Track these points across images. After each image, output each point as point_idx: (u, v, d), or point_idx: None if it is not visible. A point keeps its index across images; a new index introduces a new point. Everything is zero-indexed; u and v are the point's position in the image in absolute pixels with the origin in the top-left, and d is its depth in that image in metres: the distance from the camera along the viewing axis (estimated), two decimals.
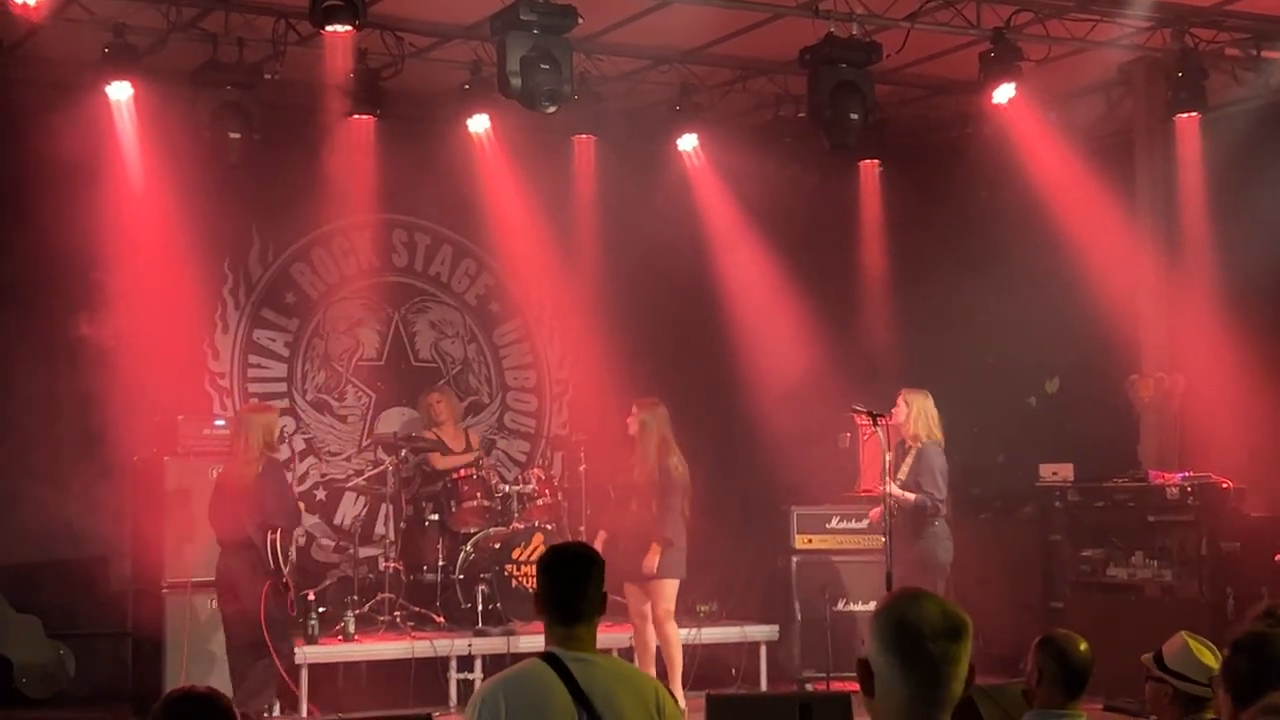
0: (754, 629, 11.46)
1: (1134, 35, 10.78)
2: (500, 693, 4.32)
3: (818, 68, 10.05)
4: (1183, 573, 10.27)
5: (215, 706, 3.94)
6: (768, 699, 9.51)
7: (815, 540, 11.48)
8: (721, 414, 13.06)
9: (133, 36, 10.04)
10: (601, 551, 5.04)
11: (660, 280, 12.83)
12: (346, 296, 12.63)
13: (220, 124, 10.22)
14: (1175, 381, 11.15)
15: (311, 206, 12.02)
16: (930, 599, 2.90)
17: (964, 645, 2.86)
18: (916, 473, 9.95)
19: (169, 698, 3.98)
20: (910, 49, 10.54)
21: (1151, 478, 10.61)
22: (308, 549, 12.14)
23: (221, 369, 12.15)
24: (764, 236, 12.73)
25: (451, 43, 10.82)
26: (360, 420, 12.59)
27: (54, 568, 11.13)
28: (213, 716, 3.93)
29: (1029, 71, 10.62)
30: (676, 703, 4.56)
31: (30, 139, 10.77)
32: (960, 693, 2.86)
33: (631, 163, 12.22)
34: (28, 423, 11.32)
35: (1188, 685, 4.98)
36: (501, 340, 13.26)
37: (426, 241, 12.95)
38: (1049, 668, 4.98)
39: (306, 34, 10.15)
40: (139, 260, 11.07)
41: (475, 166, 11.91)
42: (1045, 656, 5.01)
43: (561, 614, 4.44)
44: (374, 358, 12.71)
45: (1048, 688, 4.96)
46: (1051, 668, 4.97)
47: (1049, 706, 4.96)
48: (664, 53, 11.29)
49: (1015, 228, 12.09)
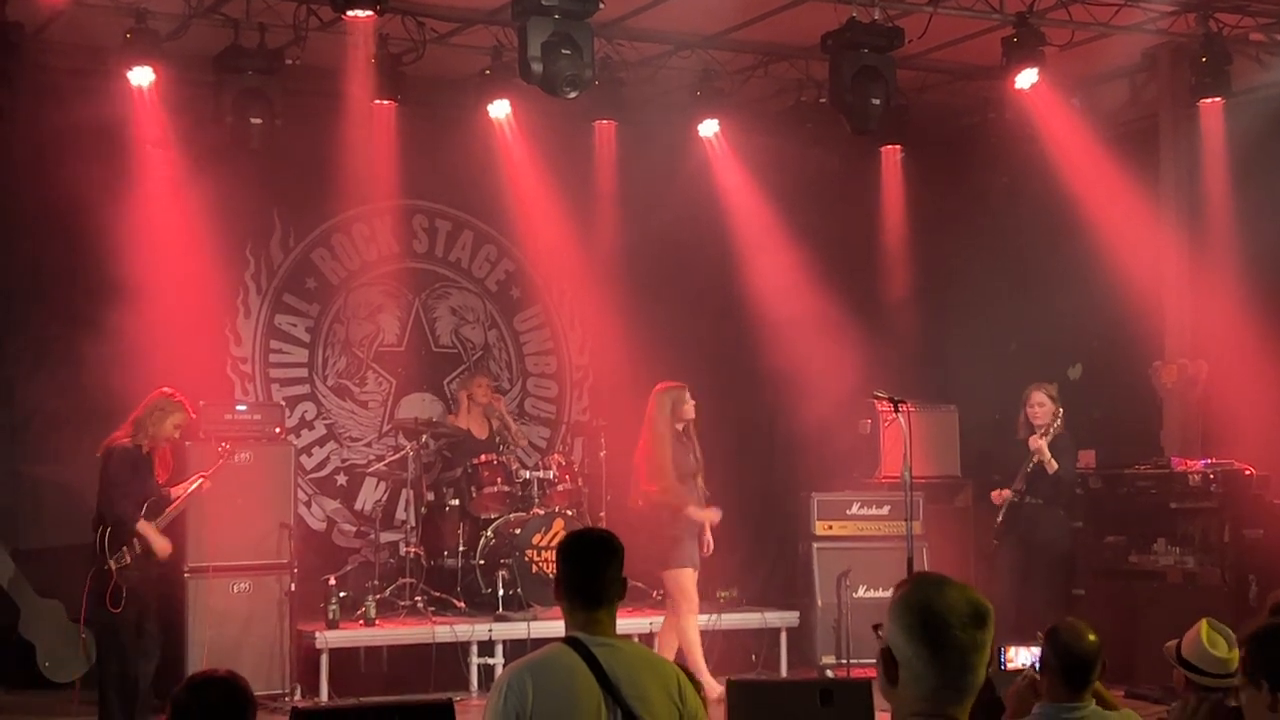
0: (774, 615, 11.46)
1: (1158, 20, 10.72)
2: (527, 676, 4.32)
3: (840, 53, 10.02)
4: (1205, 560, 10.24)
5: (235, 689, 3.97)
6: (788, 685, 9.50)
7: (836, 526, 11.47)
8: (742, 400, 13.04)
9: (154, 22, 10.04)
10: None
11: (681, 266, 12.82)
12: (367, 282, 12.63)
13: (242, 109, 10.22)
14: (1198, 368, 11.11)
15: (333, 192, 12.02)
16: (953, 585, 2.87)
17: (989, 632, 2.84)
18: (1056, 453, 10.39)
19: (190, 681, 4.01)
20: (932, 34, 10.49)
21: (1174, 464, 10.58)
22: (329, 534, 12.19)
23: (243, 354, 12.17)
24: (785, 222, 12.70)
25: (473, 28, 10.81)
26: (381, 406, 12.61)
27: (76, 552, 11.14)
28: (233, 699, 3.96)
29: (1052, 56, 10.57)
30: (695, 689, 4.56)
31: (52, 124, 10.80)
32: (981, 682, 2.84)
33: (653, 148, 12.19)
34: (50, 407, 11.35)
35: (1197, 676, 5.10)
36: (522, 326, 13.25)
37: (447, 227, 12.95)
38: (1051, 659, 4.94)
39: (328, 19, 10.15)
40: (161, 245, 11.07)
41: (496, 152, 11.90)
42: (1048, 648, 4.98)
43: (582, 599, 4.44)
44: (395, 343, 12.72)
45: (1051, 678, 4.92)
46: (1054, 660, 4.92)
47: (1056, 699, 4.90)
48: (685, 38, 11.26)
49: (1038, 214, 12.06)
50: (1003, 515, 10.56)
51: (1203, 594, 9.90)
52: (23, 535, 11.08)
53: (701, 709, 4.53)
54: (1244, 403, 10.88)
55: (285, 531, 10.30)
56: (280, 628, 10.19)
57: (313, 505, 12.17)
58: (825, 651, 11.15)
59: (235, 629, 9.97)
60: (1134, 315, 11.47)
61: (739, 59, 11.67)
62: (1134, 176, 11.42)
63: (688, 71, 11.69)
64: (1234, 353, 10.91)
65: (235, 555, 10.02)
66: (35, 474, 11.20)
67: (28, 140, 10.81)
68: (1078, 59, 11.13)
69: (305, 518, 11.81)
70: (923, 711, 2.81)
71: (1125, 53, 11.36)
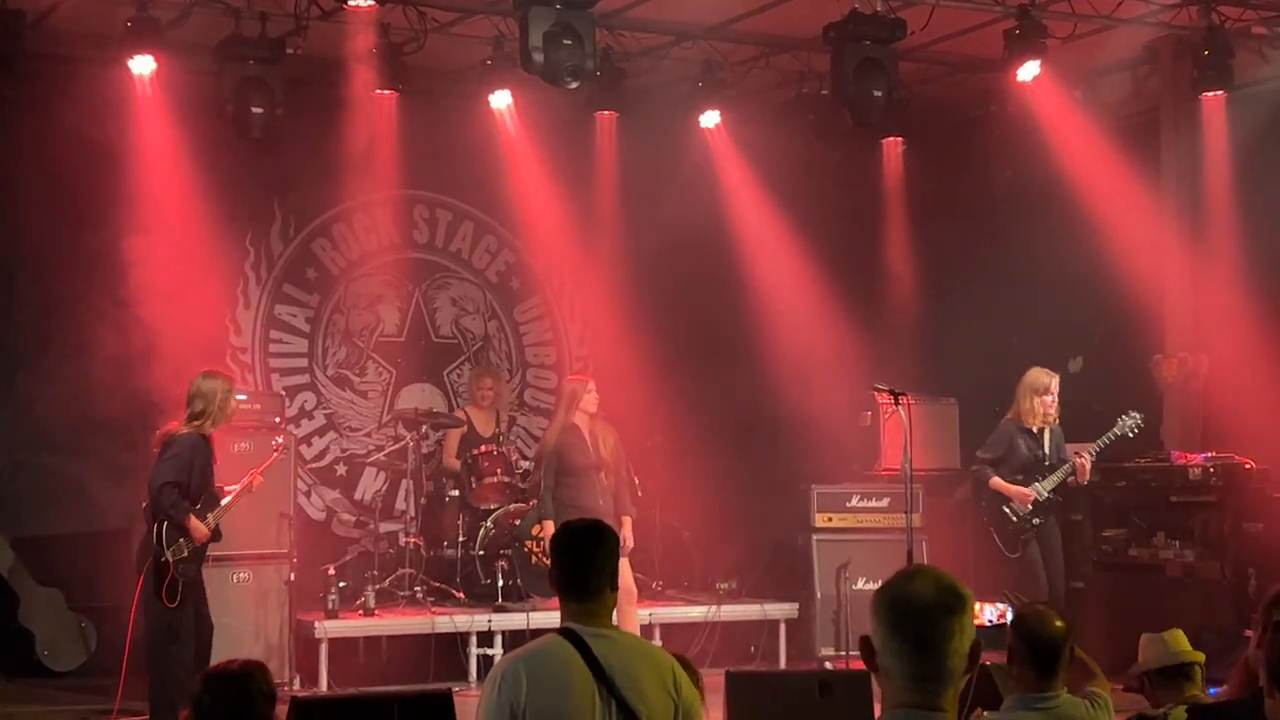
0: (774, 607, 11.46)
1: (1160, 12, 10.71)
2: (521, 667, 4.31)
3: (841, 44, 10.00)
4: (1205, 553, 10.23)
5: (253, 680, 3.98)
6: (787, 676, 9.50)
7: (835, 519, 11.47)
8: (742, 391, 13.03)
9: (156, 10, 10.03)
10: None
11: (681, 257, 12.80)
12: (368, 272, 12.64)
13: (242, 98, 10.20)
14: (1199, 361, 11.10)
15: (333, 182, 12.02)
16: (927, 575, 2.89)
17: (958, 620, 2.83)
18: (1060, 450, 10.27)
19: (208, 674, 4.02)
20: (935, 26, 10.48)
21: (1174, 458, 10.57)
22: (328, 524, 12.20)
23: (243, 344, 12.17)
24: (786, 214, 12.69)
25: (474, 18, 10.78)
26: (381, 396, 12.61)
27: (76, 540, 11.17)
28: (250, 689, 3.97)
29: (1054, 49, 10.55)
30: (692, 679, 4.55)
31: (53, 113, 10.79)
32: (961, 668, 2.84)
33: (653, 139, 12.17)
34: (50, 396, 11.35)
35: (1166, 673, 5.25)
36: (522, 317, 13.25)
37: (448, 218, 12.94)
38: (1018, 647, 4.84)
39: (329, 8, 10.15)
40: (161, 234, 11.07)
41: (497, 142, 11.88)
42: (1014, 636, 4.88)
43: (577, 590, 4.44)
44: (395, 334, 12.72)
45: (1019, 667, 4.83)
46: (1020, 648, 4.82)
47: (1026, 688, 4.81)
48: (687, 29, 11.25)
49: (1039, 206, 12.03)
50: (1031, 516, 10.22)
51: (1202, 587, 9.91)
52: (23, 523, 11.08)
53: (697, 700, 4.52)
54: (1244, 396, 10.87)
55: (285, 521, 10.30)
56: (280, 617, 10.19)
57: (312, 495, 12.17)
58: (825, 643, 11.15)
59: (235, 618, 9.95)
60: (1135, 308, 11.46)
61: (740, 50, 11.66)
62: (1135, 169, 11.40)
63: (689, 63, 11.67)
64: (1235, 346, 10.90)
65: (235, 545, 9.99)
66: (35, 462, 11.20)
67: (29, 128, 10.81)
68: (1080, 51, 11.12)
69: (305, 507, 11.80)
70: (905, 702, 2.84)
71: (1127, 45, 11.34)
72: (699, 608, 11.33)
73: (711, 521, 12.44)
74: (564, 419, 10.08)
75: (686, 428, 12.55)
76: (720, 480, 12.41)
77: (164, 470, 8.52)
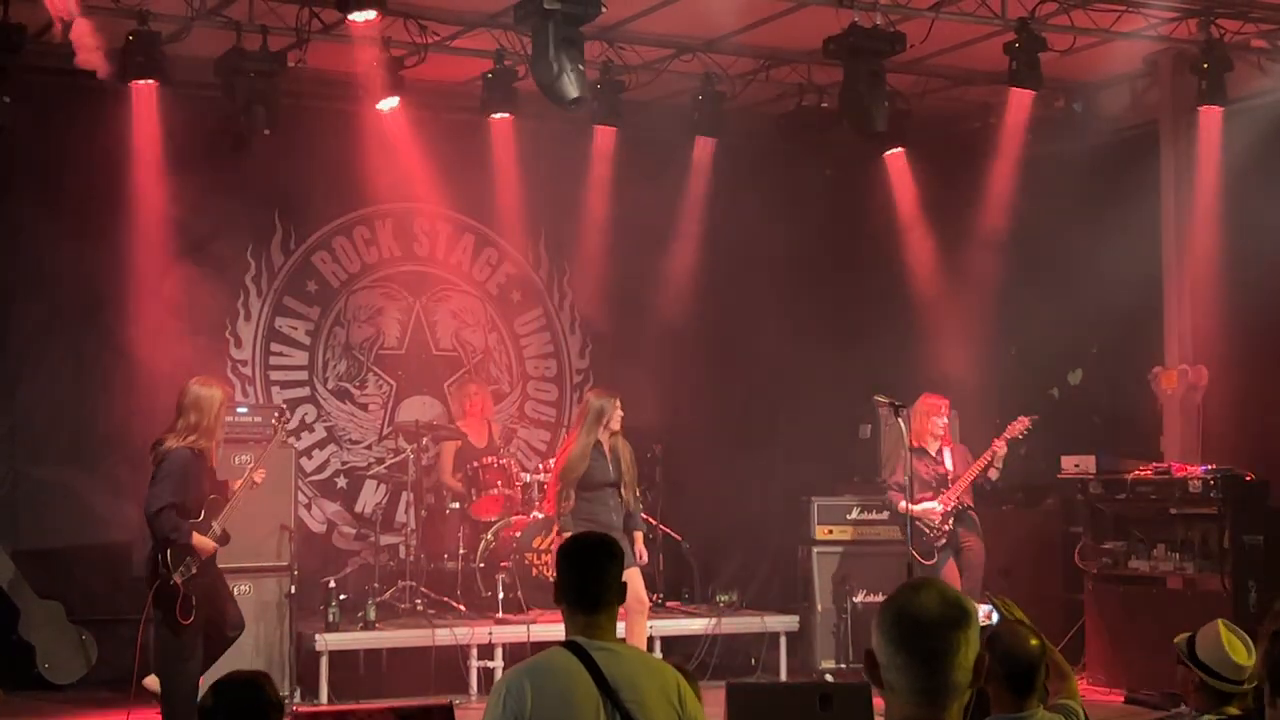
0: (774, 619, 11.45)
1: (1159, 26, 10.73)
2: (526, 680, 4.31)
3: (841, 57, 10.02)
4: (1205, 565, 10.22)
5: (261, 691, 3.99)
6: (788, 689, 9.50)
7: (835, 531, 11.46)
8: (742, 404, 13.04)
9: (156, 24, 10.04)
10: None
11: (682, 269, 12.80)
12: (368, 285, 12.65)
13: (243, 112, 10.22)
14: (1199, 374, 11.11)
15: (334, 195, 12.05)
16: (932, 589, 2.88)
17: (963, 635, 2.82)
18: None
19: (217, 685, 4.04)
20: (934, 39, 10.50)
21: (1174, 470, 10.57)
22: (329, 536, 12.20)
23: (243, 356, 12.18)
24: (785, 225, 12.70)
25: (474, 31, 10.81)
26: (381, 408, 12.62)
27: (76, 553, 11.17)
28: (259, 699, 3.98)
29: (1054, 62, 10.57)
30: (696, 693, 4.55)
31: (54, 126, 10.80)
32: (965, 682, 2.83)
33: (653, 152, 12.20)
34: (51, 409, 11.36)
35: (1215, 681, 4.80)
36: (522, 329, 13.25)
37: (448, 230, 12.95)
38: (993, 666, 4.59)
39: (331, 22, 10.17)
40: (162, 247, 11.10)
41: (497, 155, 11.90)
42: (990, 655, 4.52)
43: (582, 603, 4.44)
44: (395, 346, 12.73)
45: (996, 688, 4.64)
46: (996, 668, 4.61)
47: (1002, 708, 4.63)
48: (687, 42, 11.27)
49: (1038, 218, 12.03)
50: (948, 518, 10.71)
51: (1202, 600, 9.90)
52: (23, 536, 11.08)
53: (701, 713, 4.52)
54: (1244, 408, 10.88)
55: (285, 534, 10.30)
56: (280, 630, 10.19)
57: (313, 508, 12.18)
58: (825, 656, 11.15)
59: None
60: (1134, 321, 11.47)
61: (740, 63, 11.67)
62: (1135, 182, 11.42)
63: (689, 75, 11.69)
64: (1234, 358, 10.91)
65: (235, 557, 9.96)
66: (35, 475, 11.20)
67: (29, 141, 10.81)
68: (1079, 64, 11.14)
69: (305, 520, 11.81)
70: (910, 716, 2.83)
71: (1126, 58, 11.35)
72: (699, 620, 11.33)
73: (712, 534, 12.45)
74: (590, 436, 9.73)
75: (687, 440, 12.57)
76: (720, 492, 12.42)
77: (160, 493, 8.24)
